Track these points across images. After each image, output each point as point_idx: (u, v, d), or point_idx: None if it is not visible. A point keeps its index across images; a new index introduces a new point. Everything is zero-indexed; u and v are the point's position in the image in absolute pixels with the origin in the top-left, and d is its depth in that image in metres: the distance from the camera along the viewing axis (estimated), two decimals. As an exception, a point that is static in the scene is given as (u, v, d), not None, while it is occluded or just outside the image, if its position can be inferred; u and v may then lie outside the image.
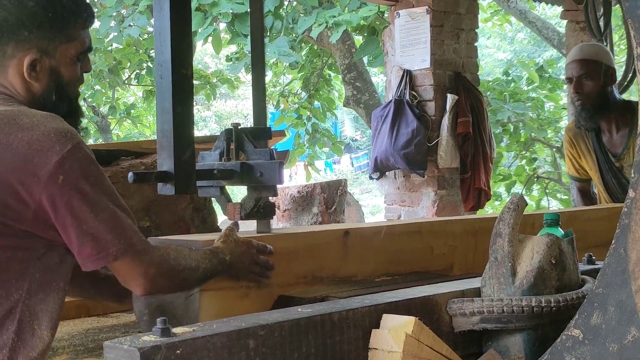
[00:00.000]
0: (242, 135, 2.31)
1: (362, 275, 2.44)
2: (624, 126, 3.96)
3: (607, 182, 4.08)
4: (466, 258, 2.77)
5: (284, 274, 2.25)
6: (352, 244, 2.44)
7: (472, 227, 2.84)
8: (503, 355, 1.88)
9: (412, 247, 2.62)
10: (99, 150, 3.18)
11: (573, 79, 3.95)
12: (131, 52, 10.69)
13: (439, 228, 2.74)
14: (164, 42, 2.09)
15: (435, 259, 2.67)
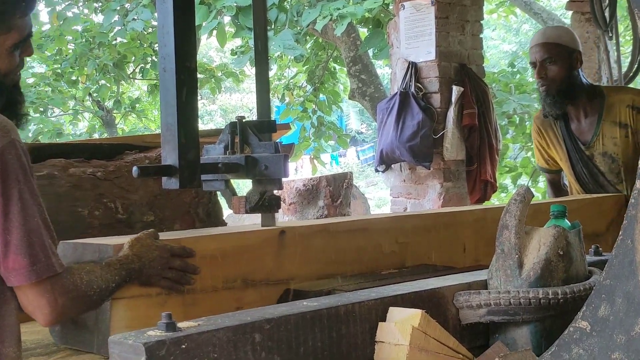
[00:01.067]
0: (247, 128, 2.30)
1: (300, 279, 2.30)
2: (593, 112, 3.81)
3: (578, 172, 3.93)
4: (420, 255, 2.65)
5: (208, 278, 2.13)
6: (289, 244, 2.30)
7: (426, 222, 2.73)
8: (510, 347, 1.87)
9: (358, 245, 2.48)
10: (103, 144, 3.17)
11: (537, 64, 3.80)
12: (135, 46, 10.68)
13: (388, 225, 2.62)
14: (167, 34, 2.08)
15: (385, 257, 2.54)
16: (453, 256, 2.75)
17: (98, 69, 10.78)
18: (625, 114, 3.71)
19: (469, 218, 2.88)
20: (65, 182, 2.67)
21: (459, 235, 2.80)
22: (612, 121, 3.74)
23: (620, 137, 3.73)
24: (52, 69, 12.07)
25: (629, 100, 3.75)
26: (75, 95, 13.23)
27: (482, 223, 2.86)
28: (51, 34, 10.42)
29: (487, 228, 2.76)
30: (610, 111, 3.75)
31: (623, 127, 3.72)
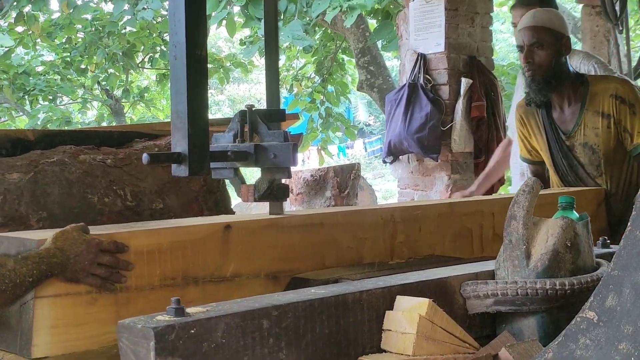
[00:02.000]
0: (256, 117, 2.31)
1: (246, 275, 2.20)
2: (576, 101, 3.66)
3: (558, 164, 3.78)
4: (378, 250, 2.53)
5: (144, 275, 2.02)
6: (235, 240, 2.19)
7: (385, 216, 2.58)
8: (517, 337, 1.88)
9: (312, 241, 2.36)
10: (112, 132, 3.18)
11: (524, 47, 3.64)
12: (145, 35, 10.70)
13: (345, 219, 2.48)
14: (178, 22, 2.09)
15: (342, 253, 2.43)
16: (416, 252, 2.62)
17: (107, 57, 10.80)
18: (609, 104, 3.58)
19: (433, 212, 2.72)
20: (76, 169, 2.69)
21: (422, 231, 2.66)
22: (594, 111, 3.61)
23: (602, 127, 3.60)
24: (61, 57, 12.10)
25: (613, 89, 3.61)
26: (84, 84, 13.26)
27: (447, 218, 2.73)
28: (61, 22, 10.43)
29: (452, 223, 2.71)
30: (593, 100, 3.62)
31: (605, 118, 3.59)
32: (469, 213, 2.78)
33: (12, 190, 2.53)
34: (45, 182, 2.61)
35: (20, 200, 2.53)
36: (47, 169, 2.64)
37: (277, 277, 2.25)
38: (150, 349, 1.45)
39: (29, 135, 2.86)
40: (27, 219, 2.54)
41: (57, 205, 2.61)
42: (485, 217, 2.82)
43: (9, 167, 2.58)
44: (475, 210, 2.81)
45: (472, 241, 2.76)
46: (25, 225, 2.51)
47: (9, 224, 2.49)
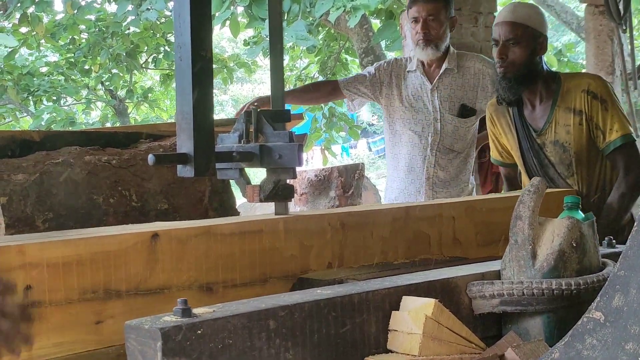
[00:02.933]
0: (261, 117, 2.31)
1: (177, 287, 2.06)
2: (548, 98, 3.53)
3: (528, 163, 3.63)
4: (325, 258, 2.37)
5: (60, 289, 1.87)
6: (163, 249, 2.04)
7: (333, 222, 2.41)
8: (523, 337, 1.88)
9: (251, 249, 2.21)
10: (117, 133, 3.19)
11: (499, 42, 3.49)
12: (148, 35, 10.72)
13: (287, 226, 2.31)
14: (183, 23, 2.09)
15: (285, 262, 2.27)
16: (367, 259, 2.47)
17: (111, 58, 10.82)
18: (581, 100, 3.45)
19: (387, 217, 2.54)
20: (81, 170, 2.69)
21: (374, 236, 2.50)
22: (566, 107, 3.48)
23: (574, 124, 3.47)
24: (65, 58, 12.12)
25: (585, 84, 3.47)
26: (88, 85, 13.29)
27: (402, 222, 2.56)
28: (64, 23, 10.45)
29: (408, 228, 2.56)
30: (565, 97, 3.50)
31: (577, 114, 3.46)
32: (426, 217, 2.61)
33: (18, 191, 2.54)
34: (51, 183, 2.62)
35: (26, 201, 2.54)
36: (53, 169, 2.65)
37: (212, 289, 2.10)
38: (158, 350, 1.46)
39: (34, 136, 2.87)
40: (33, 220, 2.54)
41: (63, 206, 2.61)
42: (445, 222, 2.65)
43: (14, 168, 2.59)
44: (434, 214, 2.64)
45: (430, 247, 2.60)
46: (31, 226, 2.52)
47: (15, 224, 2.49)
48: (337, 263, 2.38)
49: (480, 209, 2.76)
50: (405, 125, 4.37)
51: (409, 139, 4.37)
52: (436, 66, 4.34)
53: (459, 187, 4.41)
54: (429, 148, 4.32)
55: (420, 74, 4.34)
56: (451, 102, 4.32)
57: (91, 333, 1.88)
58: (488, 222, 2.75)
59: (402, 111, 4.38)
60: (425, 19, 4.19)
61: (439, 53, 4.27)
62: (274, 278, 2.22)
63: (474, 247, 2.70)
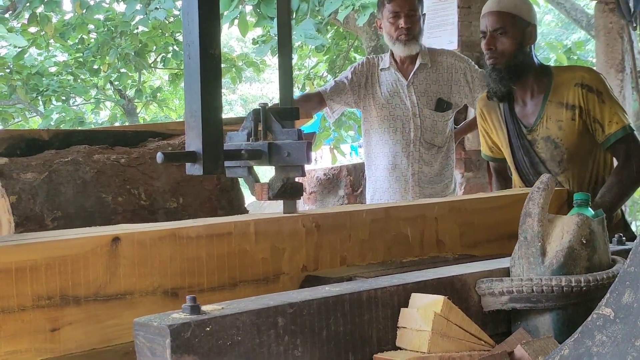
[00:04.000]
0: (270, 115, 2.31)
1: (139, 292, 1.97)
2: (539, 93, 3.43)
3: (519, 161, 3.53)
4: (299, 262, 2.26)
5: (12, 295, 1.79)
6: (125, 253, 1.95)
7: (308, 224, 2.30)
8: (532, 334, 1.87)
9: (219, 253, 2.11)
10: (126, 131, 3.19)
11: (487, 33, 3.40)
12: (157, 35, 10.74)
13: (258, 228, 2.19)
14: (192, 21, 2.09)
15: (254, 265, 2.16)
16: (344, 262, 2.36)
17: (120, 57, 10.84)
18: (574, 94, 3.36)
19: (366, 219, 2.43)
20: (90, 169, 2.70)
21: (352, 238, 2.39)
22: (558, 102, 3.39)
23: (566, 120, 3.37)
24: (74, 58, 12.15)
25: (578, 78, 3.38)
26: (97, 84, 13.32)
27: (382, 223, 2.46)
28: (73, 23, 10.47)
29: (388, 229, 2.45)
30: (557, 91, 3.40)
31: (570, 109, 3.36)
32: (408, 218, 2.51)
33: (27, 190, 2.54)
34: (60, 182, 2.62)
35: (35, 199, 2.55)
36: (62, 168, 2.65)
37: (177, 294, 2.01)
38: (166, 347, 1.46)
39: (43, 135, 2.87)
40: (42, 219, 2.55)
41: (72, 205, 2.62)
42: (428, 223, 2.56)
43: (23, 167, 2.60)
44: (416, 215, 2.54)
45: (412, 249, 2.50)
46: (40, 225, 2.53)
47: (24, 223, 2.50)
48: (312, 266, 2.28)
49: (464, 209, 2.67)
50: (384, 123, 4.37)
51: (390, 137, 4.36)
52: (409, 62, 4.36)
53: (443, 183, 4.41)
54: (412, 144, 4.32)
55: (395, 70, 4.34)
56: (428, 97, 4.32)
57: (46, 341, 1.80)
58: (473, 222, 2.67)
59: (379, 109, 4.37)
60: (407, 13, 4.19)
61: (419, 47, 4.28)
62: (244, 282, 2.13)
63: (458, 248, 2.61)
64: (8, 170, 2.55)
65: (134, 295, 1.95)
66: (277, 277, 2.20)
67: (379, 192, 4.48)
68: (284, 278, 2.21)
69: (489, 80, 3.46)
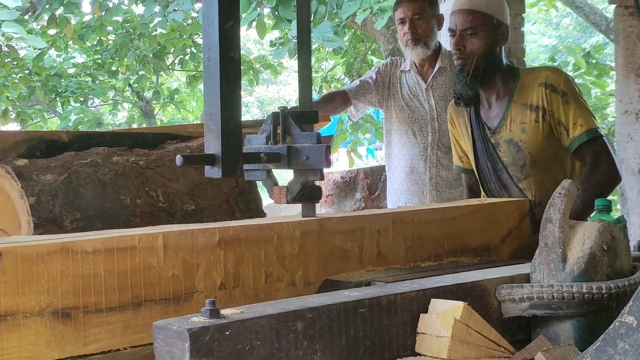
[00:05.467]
0: (289, 118, 2.31)
1: (24, 313, 1.78)
2: (504, 94, 3.24)
3: (482, 167, 3.34)
4: (213, 278, 2.06)
5: None
6: (7, 270, 1.77)
7: (227, 238, 2.09)
8: (552, 342, 1.86)
9: (120, 269, 1.91)
10: (145, 133, 3.20)
11: (456, 32, 3.19)
12: (175, 37, 10.76)
13: (168, 241, 2.00)
14: (212, 24, 2.09)
15: (162, 283, 1.97)
16: (269, 278, 2.15)
17: (138, 59, 10.88)
18: (538, 94, 3.16)
19: (294, 231, 2.23)
20: (108, 171, 2.70)
21: (278, 253, 2.18)
22: (522, 103, 3.19)
23: (530, 122, 3.17)
24: (92, 59, 12.20)
25: (543, 77, 3.18)
26: (115, 86, 13.36)
27: (315, 237, 2.26)
28: (92, 25, 10.52)
29: (322, 243, 2.26)
30: (521, 92, 3.20)
31: (534, 110, 3.16)
32: (345, 231, 2.31)
33: (47, 191, 2.55)
34: (79, 184, 2.63)
35: (54, 201, 2.55)
36: (81, 170, 2.66)
37: (69, 314, 1.82)
38: (185, 350, 1.46)
39: (63, 136, 2.88)
40: (61, 220, 2.56)
41: (91, 207, 2.62)
42: (368, 236, 2.35)
43: (43, 169, 2.60)
44: (354, 227, 2.33)
45: (349, 264, 2.30)
46: (59, 226, 2.53)
47: (44, 224, 2.50)
48: (232, 284, 2.07)
49: (410, 221, 2.47)
50: (403, 125, 4.37)
51: (408, 139, 4.36)
52: (429, 65, 4.34)
53: (461, 188, 4.38)
54: (430, 147, 4.31)
55: (415, 74, 4.34)
56: (447, 101, 4.29)
57: None
58: (420, 235, 2.47)
59: (399, 111, 4.38)
60: (411, 18, 4.19)
61: (429, 51, 4.27)
62: (150, 301, 1.93)
63: (402, 263, 2.41)
64: (28, 172, 2.56)
65: (17, 317, 1.77)
66: (189, 295, 2.00)
67: (397, 194, 4.47)
68: (198, 297, 2.00)
69: (456, 82, 3.27)
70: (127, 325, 1.87)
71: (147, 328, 1.82)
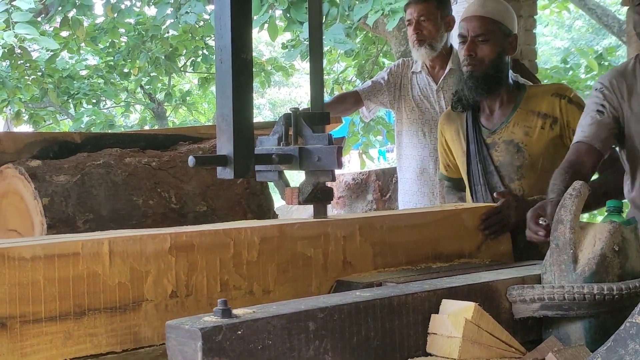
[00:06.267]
0: (301, 120, 2.32)
1: None
2: (509, 103, 3.25)
3: (472, 171, 3.30)
4: (167, 287, 1.95)
5: None
6: None
7: (180, 244, 1.99)
8: (563, 342, 1.86)
9: (61, 276, 1.80)
10: (157, 135, 3.21)
11: (467, 38, 3.21)
12: (187, 39, 10.78)
13: (116, 248, 1.89)
14: (224, 26, 2.10)
15: (108, 291, 1.86)
16: (224, 287, 2.05)
17: (150, 61, 10.90)
18: (550, 104, 3.16)
19: (253, 237, 2.11)
20: (121, 172, 2.72)
21: (235, 260, 2.07)
22: (530, 110, 3.20)
23: (536, 127, 3.16)
24: (105, 61, 12.24)
25: (555, 89, 3.23)
26: (127, 88, 13.40)
27: (275, 243, 2.15)
28: (105, 27, 10.56)
29: (282, 249, 2.15)
30: (529, 101, 3.22)
31: (542, 117, 3.16)
32: (308, 237, 2.21)
33: (60, 192, 2.57)
34: (92, 185, 2.65)
35: (67, 202, 2.57)
36: (94, 171, 2.68)
37: (5, 324, 1.72)
38: (198, 350, 1.47)
39: (76, 138, 2.90)
40: (74, 221, 2.57)
41: (104, 207, 2.64)
42: (333, 242, 2.25)
43: (56, 170, 2.62)
44: (317, 233, 2.23)
45: (313, 272, 2.20)
46: (72, 227, 2.55)
47: (57, 225, 2.52)
48: (184, 292, 1.98)
49: (379, 227, 2.38)
50: (414, 126, 4.37)
51: (419, 140, 4.37)
52: (440, 67, 4.34)
53: None
54: None
55: (426, 75, 4.35)
56: None
57: None
58: (389, 242, 2.39)
59: (410, 112, 4.39)
60: (417, 19, 4.20)
61: (434, 52, 4.27)
62: (94, 311, 1.84)
63: (370, 270, 2.32)
64: (41, 173, 2.58)
65: None
66: (138, 304, 1.90)
67: (408, 194, 4.47)
68: (147, 305, 1.91)
69: (463, 87, 3.26)
70: (68, 336, 1.78)
71: (91, 338, 1.80)
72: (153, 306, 1.91)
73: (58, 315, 1.78)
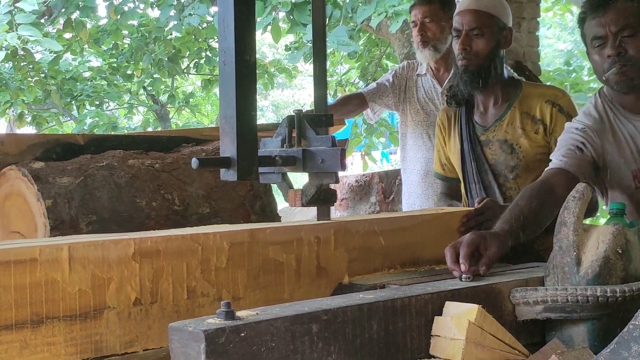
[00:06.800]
0: (304, 122, 2.32)
1: None
2: (503, 100, 3.24)
3: (467, 169, 3.29)
4: (130, 294, 1.90)
5: None
6: None
7: (144, 250, 1.92)
8: (567, 345, 1.86)
9: (18, 284, 1.74)
10: (160, 137, 3.21)
11: (462, 32, 3.19)
12: (190, 40, 10.78)
13: (76, 254, 1.83)
14: (227, 28, 2.10)
15: (67, 299, 1.80)
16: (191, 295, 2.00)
17: (153, 63, 10.90)
18: (543, 110, 3.15)
19: (221, 242, 2.06)
20: (124, 173, 2.72)
21: (203, 267, 2.03)
22: (524, 112, 3.18)
23: (529, 130, 3.16)
24: (108, 63, 12.25)
25: (550, 95, 3.20)
26: (131, 89, 13.41)
27: (245, 248, 2.10)
28: (108, 28, 10.57)
29: (253, 255, 2.11)
30: (524, 102, 3.20)
31: (536, 122, 3.15)
32: (280, 242, 2.16)
33: (63, 194, 2.57)
34: (95, 186, 2.65)
35: (70, 204, 2.57)
36: (97, 173, 2.68)
37: None
38: (201, 352, 1.47)
39: (79, 139, 2.90)
40: (77, 223, 2.57)
41: (107, 209, 2.64)
42: (306, 247, 2.21)
43: (59, 171, 2.62)
44: (290, 238, 2.18)
45: (285, 278, 2.16)
46: (75, 229, 2.55)
47: (60, 227, 2.52)
48: (149, 299, 1.92)
49: (356, 231, 2.34)
50: (418, 128, 4.37)
51: (424, 143, 4.37)
52: (445, 69, 4.34)
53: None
54: None
55: (431, 77, 4.35)
56: None
57: None
58: (367, 247, 2.35)
59: (414, 114, 4.39)
60: (422, 21, 4.21)
61: (438, 54, 4.27)
62: (53, 319, 1.78)
63: (346, 277, 2.29)
64: (44, 175, 2.58)
65: None
66: (99, 312, 1.85)
67: (412, 196, 4.47)
68: (110, 313, 1.86)
69: (458, 81, 3.25)
70: (24, 345, 1.73)
71: (49, 347, 1.75)
72: (115, 314, 1.87)
73: (14, 324, 1.73)
